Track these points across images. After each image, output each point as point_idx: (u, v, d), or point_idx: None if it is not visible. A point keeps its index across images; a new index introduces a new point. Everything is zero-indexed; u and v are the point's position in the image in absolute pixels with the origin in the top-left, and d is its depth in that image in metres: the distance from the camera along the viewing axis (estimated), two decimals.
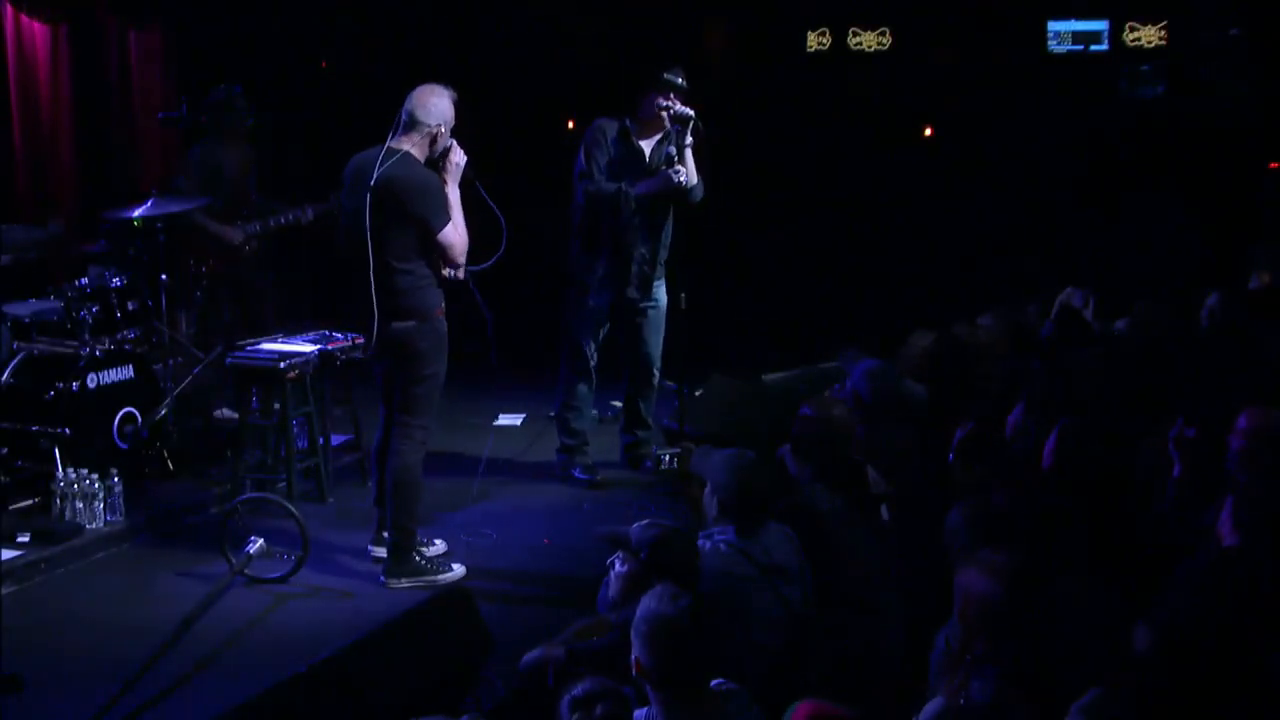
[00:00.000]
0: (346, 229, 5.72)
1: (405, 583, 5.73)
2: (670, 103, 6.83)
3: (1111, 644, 3.92)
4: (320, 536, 6.13)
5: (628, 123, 6.97)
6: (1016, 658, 3.41)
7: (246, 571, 5.74)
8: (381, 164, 5.58)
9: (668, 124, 6.90)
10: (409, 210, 5.57)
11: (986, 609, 3.48)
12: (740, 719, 3.44)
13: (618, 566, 4.00)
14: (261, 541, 5.80)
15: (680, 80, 6.87)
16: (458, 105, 5.71)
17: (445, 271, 5.75)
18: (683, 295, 7.12)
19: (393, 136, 5.65)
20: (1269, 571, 3.77)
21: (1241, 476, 4.06)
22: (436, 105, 5.65)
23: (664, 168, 6.89)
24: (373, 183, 5.55)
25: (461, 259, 5.72)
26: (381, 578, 5.78)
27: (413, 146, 5.62)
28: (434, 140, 5.64)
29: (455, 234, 5.66)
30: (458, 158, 5.71)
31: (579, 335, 7.11)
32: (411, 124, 5.63)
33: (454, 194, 5.69)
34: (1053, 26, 11.10)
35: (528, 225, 10.43)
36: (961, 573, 3.56)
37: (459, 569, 5.89)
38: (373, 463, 6.09)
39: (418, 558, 5.83)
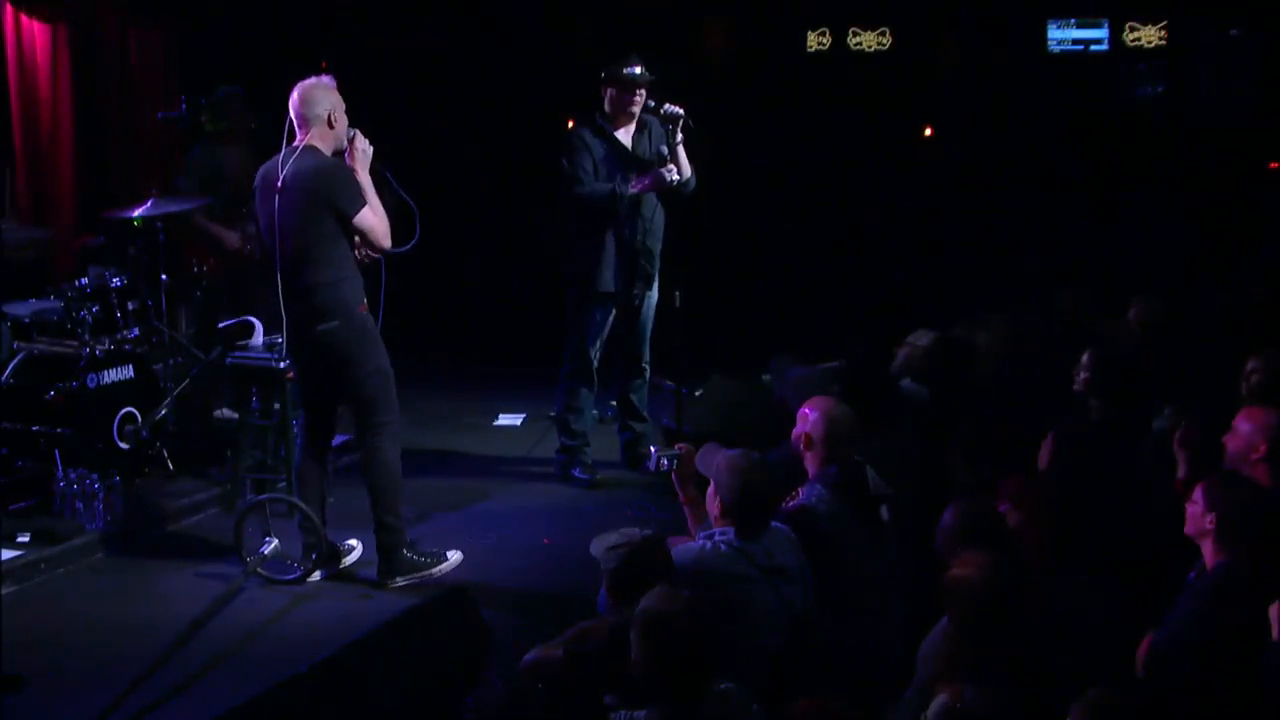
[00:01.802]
0: (261, 238, 5.66)
1: (401, 580, 5.70)
2: (641, 98, 6.85)
3: (1111, 643, 3.94)
4: None
5: (599, 120, 6.98)
6: (1009, 655, 3.42)
7: (260, 570, 5.74)
8: (284, 164, 5.51)
9: (638, 112, 6.92)
10: (321, 199, 5.48)
11: (974, 604, 3.49)
12: (739, 719, 3.44)
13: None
14: (276, 542, 5.81)
15: (638, 71, 6.87)
16: (340, 90, 5.65)
17: (360, 252, 5.67)
18: (677, 293, 7.11)
19: (289, 140, 5.58)
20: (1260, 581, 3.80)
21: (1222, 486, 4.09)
22: (318, 95, 5.58)
23: (656, 166, 6.90)
24: (279, 183, 5.48)
25: (385, 242, 5.62)
26: (382, 579, 5.74)
27: (313, 140, 5.55)
28: (330, 126, 5.56)
29: (374, 216, 5.56)
30: (363, 145, 5.63)
31: (585, 338, 7.10)
32: (303, 121, 5.56)
33: (365, 180, 5.61)
34: (1053, 34, 11.11)
35: (527, 225, 10.52)
36: (949, 572, 3.57)
37: (455, 555, 5.84)
38: (296, 478, 5.94)
39: (408, 553, 5.78)
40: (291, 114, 5.58)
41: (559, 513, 6.78)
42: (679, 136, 6.88)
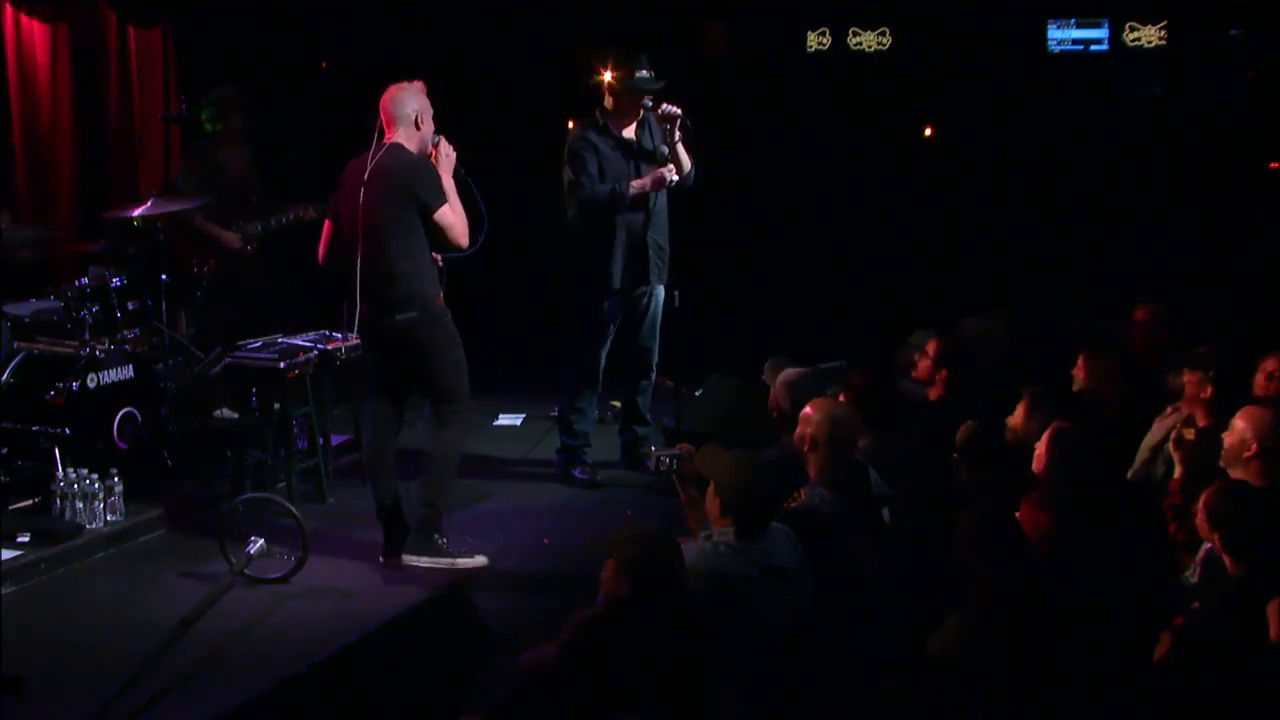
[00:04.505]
0: (343, 226, 5.80)
1: (425, 561, 5.77)
2: (650, 102, 6.87)
3: (1115, 643, 3.94)
4: (320, 536, 6.12)
5: (600, 119, 6.99)
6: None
7: (247, 571, 5.74)
8: (372, 158, 5.73)
9: (641, 111, 6.95)
10: (403, 192, 5.67)
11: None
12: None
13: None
14: (262, 542, 5.79)
15: (647, 75, 6.89)
16: (429, 94, 5.81)
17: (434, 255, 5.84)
18: (676, 293, 7.13)
19: (378, 139, 5.79)
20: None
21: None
22: (406, 97, 5.79)
23: (655, 166, 6.91)
24: (366, 176, 5.69)
25: (462, 240, 5.79)
26: (404, 555, 5.81)
27: (399, 139, 5.77)
28: (417, 127, 5.76)
29: (453, 214, 5.74)
30: (447, 150, 5.86)
31: (594, 337, 7.09)
32: (391, 120, 5.77)
33: (448, 182, 5.79)
34: (1053, 34, 11.10)
35: (527, 226, 10.52)
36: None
37: (480, 559, 5.89)
38: (374, 469, 6.01)
39: (439, 539, 5.85)
40: (381, 113, 5.79)
41: (559, 513, 6.78)
42: (677, 135, 6.90)
